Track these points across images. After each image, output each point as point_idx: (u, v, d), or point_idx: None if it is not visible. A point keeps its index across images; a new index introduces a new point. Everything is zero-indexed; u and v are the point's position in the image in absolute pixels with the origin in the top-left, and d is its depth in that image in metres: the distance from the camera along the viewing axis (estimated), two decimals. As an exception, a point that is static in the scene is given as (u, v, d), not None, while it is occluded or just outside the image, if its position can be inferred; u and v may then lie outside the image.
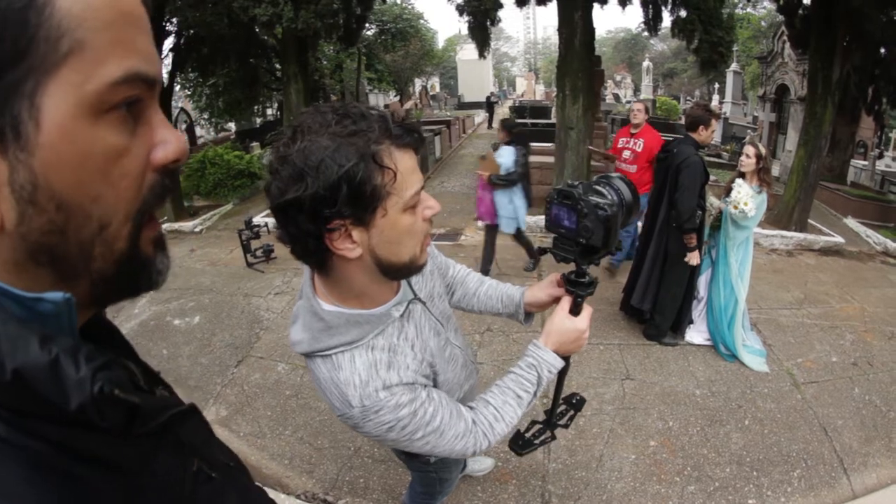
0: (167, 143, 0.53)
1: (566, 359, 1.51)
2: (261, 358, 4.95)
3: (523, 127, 19.83)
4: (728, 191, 4.43)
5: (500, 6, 8.36)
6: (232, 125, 25.31)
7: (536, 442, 1.61)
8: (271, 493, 3.24)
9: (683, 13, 8.53)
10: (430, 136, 15.89)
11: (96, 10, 0.45)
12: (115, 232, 0.51)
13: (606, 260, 6.16)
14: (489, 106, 30.03)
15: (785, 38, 15.35)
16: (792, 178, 8.88)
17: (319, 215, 0.97)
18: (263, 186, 1.07)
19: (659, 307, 4.63)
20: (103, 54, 0.45)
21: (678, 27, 8.61)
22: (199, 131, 24.50)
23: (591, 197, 1.27)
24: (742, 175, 4.37)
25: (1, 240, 0.45)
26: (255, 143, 16.80)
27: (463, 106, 42.27)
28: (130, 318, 6.64)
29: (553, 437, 1.65)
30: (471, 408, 1.40)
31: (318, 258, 1.09)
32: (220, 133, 24.16)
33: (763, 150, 4.33)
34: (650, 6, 9.35)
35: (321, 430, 3.85)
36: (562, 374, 1.57)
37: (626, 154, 6.30)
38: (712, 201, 4.54)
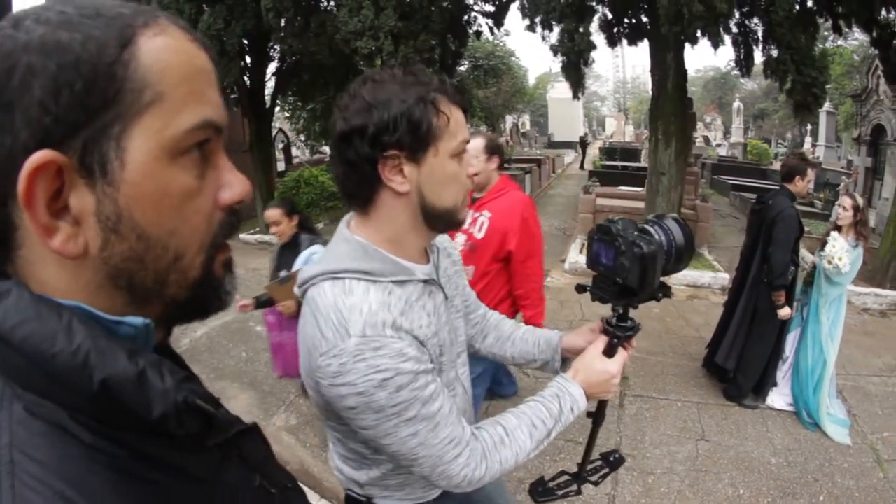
0: (232, 185, 0.60)
1: (601, 409, 1.47)
2: (337, 376, 5.08)
3: (614, 169, 19.67)
4: (822, 244, 4.25)
5: (594, 47, 8.41)
6: (327, 148, 26.30)
7: (559, 493, 1.50)
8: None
9: (775, 52, 8.27)
10: (520, 175, 16.05)
11: (174, 68, 0.53)
12: (189, 262, 0.57)
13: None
14: (583, 146, 29.99)
15: (880, 73, 14.09)
16: (889, 229, 8.37)
17: (379, 141, 1.07)
18: (330, 123, 1.17)
19: (742, 366, 4.48)
20: (180, 104, 0.53)
21: (770, 68, 8.34)
22: (294, 151, 25.72)
23: (632, 233, 1.23)
24: (838, 228, 4.20)
25: (85, 263, 0.52)
26: (348, 168, 17.32)
27: (553, 145, 42.41)
28: (213, 318, 7.00)
29: (578, 492, 1.54)
30: (477, 427, 1.27)
31: (368, 191, 1.15)
32: (315, 155, 25.19)
33: (861, 202, 4.16)
34: (741, 46, 9.14)
35: (388, 454, 3.90)
36: (596, 424, 1.51)
37: (459, 242, 3.09)
38: (805, 255, 4.36)
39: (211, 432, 0.59)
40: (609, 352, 1.35)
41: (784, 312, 4.17)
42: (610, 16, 9.10)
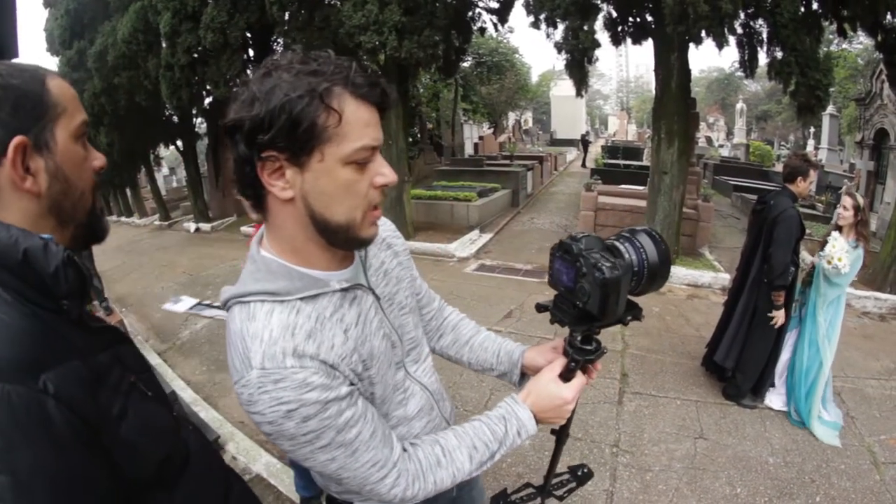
0: (98, 157, 1.05)
1: (564, 427, 1.37)
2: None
3: (616, 167, 19.65)
4: (823, 244, 4.21)
5: (598, 45, 8.38)
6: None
7: None
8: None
9: (780, 54, 8.20)
10: (522, 171, 16.06)
11: (66, 94, 0.95)
12: (87, 197, 1.01)
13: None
14: (584, 144, 30.00)
15: (884, 77, 13.85)
16: (890, 233, 8.34)
17: (254, 140, 0.95)
18: None
19: (742, 366, 4.47)
20: (74, 112, 0.96)
21: (774, 69, 8.27)
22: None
23: (595, 254, 1.09)
24: (838, 228, 4.17)
25: (39, 200, 0.93)
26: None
27: (555, 142, 42.39)
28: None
29: None
30: (413, 444, 1.19)
31: (255, 193, 1.04)
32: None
33: (861, 201, 4.11)
34: (746, 47, 9.09)
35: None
36: (559, 443, 1.42)
37: None
38: (805, 257, 4.34)
39: (84, 301, 0.98)
40: (566, 375, 1.25)
41: (778, 315, 4.17)
42: (615, 14, 9.08)
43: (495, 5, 11.46)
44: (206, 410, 4.65)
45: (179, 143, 17.80)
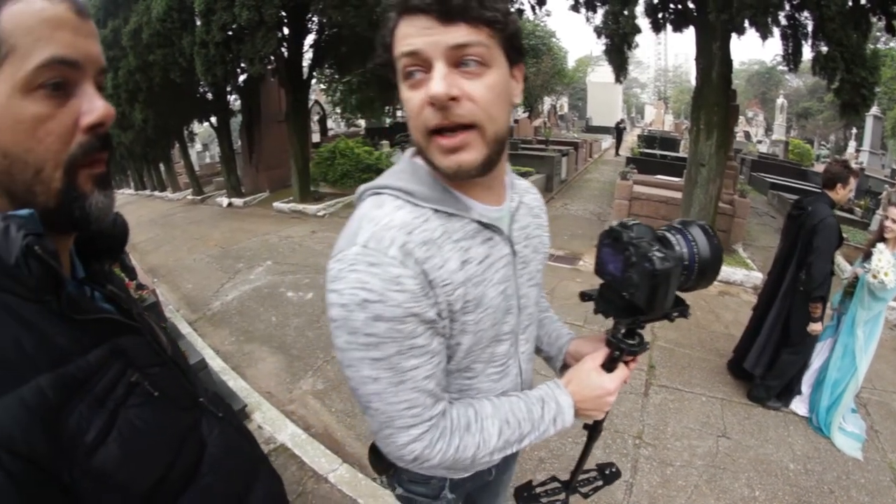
0: (93, 111, 0.72)
1: (597, 423, 1.32)
2: (366, 344, 5.27)
3: (652, 157, 19.37)
4: (867, 255, 4.07)
5: (639, 30, 8.23)
6: (362, 122, 26.43)
7: (543, 501, 1.39)
8: (347, 471, 3.37)
9: (825, 49, 7.87)
10: (557, 156, 15.94)
11: (23, 23, 0.66)
12: (49, 175, 0.71)
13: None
14: (618, 132, 29.59)
15: None
16: (930, 243, 8.06)
17: None
18: None
19: (776, 370, 4.37)
20: (29, 50, 0.66)
21: (819, 64, 7.93)
22: (329, 124, 25.86)
23: (646, 243, 1.01)
24: (882, 239, 4.02)
25: None
26: (384, 142, 17.40)
27: (590, 129, 41.88)
28: (245, 282, 7.32)
29: (565, 502, 1.42)
30: (451, 402, 1.10)
31: None
32: (350, 128, 25.28)
33: None
34: (790, 39, 8.79)
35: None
36: (590, 439, 1.36)
37: None
38: (843, 265, 4.21)
39: (62, 297, 0.71)
40: (609, 366, 1.19)
41: (816, 328, 4.06)
42: (656, 0, 8.92)
43: (534, -13, 11.29)
44: (234, 380, 4.76)
45: (213, 119, 17.92)
